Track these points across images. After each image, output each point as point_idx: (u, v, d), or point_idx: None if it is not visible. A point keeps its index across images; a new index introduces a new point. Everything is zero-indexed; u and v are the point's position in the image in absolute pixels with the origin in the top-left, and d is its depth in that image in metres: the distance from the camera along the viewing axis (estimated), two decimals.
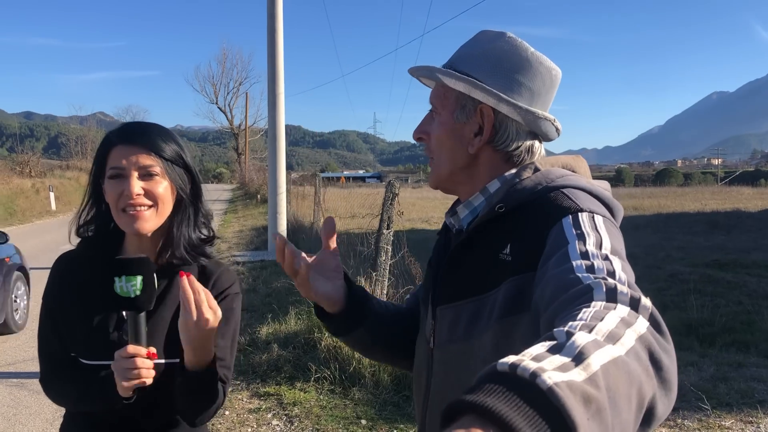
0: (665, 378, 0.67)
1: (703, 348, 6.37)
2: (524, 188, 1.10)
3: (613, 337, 0.65)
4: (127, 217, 1.42)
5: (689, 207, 26.57)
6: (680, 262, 11.18)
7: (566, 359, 0.58)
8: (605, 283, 0.79)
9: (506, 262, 1.05)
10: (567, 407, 0.51)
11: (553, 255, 0.94)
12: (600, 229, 0.97)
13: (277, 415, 4.50)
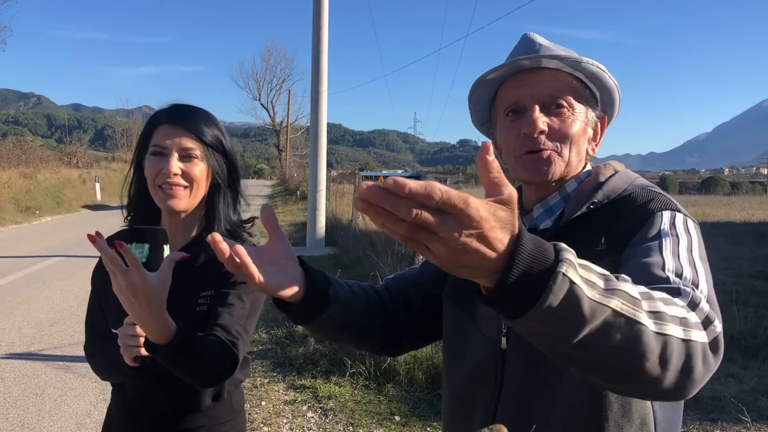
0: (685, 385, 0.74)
1: (745, 360, 6.23)
2: (615, 186, 1.15)
3: (658, 317, 0.72)
4: (162, 193, 1.49)
5: (735, 216, 25.92)
6: (724, 272, 10.92)
7: (599, 282, 0.68)
8: (693, 294, 0.84)
9: (601, 251, 1.07)
10: (552, 284, 0.64)
11: (645, 242, 0.98)
12: (692, 232, 1.02)
13: (312, 408, 4.57)
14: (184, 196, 1.49)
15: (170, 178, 1.47)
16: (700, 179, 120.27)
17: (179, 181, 1.48)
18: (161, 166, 1.47)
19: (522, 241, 0.64)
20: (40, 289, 8.59)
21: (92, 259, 1.67)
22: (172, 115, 1.52)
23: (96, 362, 1.59)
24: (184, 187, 1.49)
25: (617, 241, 1.05)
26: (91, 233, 1.18)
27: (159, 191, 1.49)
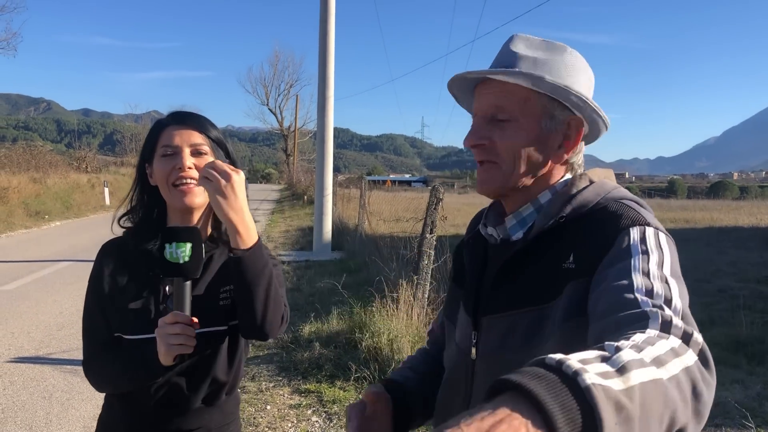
0: (700, 410, 0.71)
1: (751, 366, 6.22)
2: (585, 199, 1.11)
3: (660, 362, 0.69)
4: (177, 192, 1.52)
5: (744, 221, 25.81)
6: (731, 277, 10.90)
7: (610, 369, 0.63)
8: (662, 314, 0.82)
9: (569, 270, 1.05)
10: (599, 407, 0.56)
11: (615, 264, 0.96)
12: (663, 248, 0.98)
13: (317, 412, 4.60)
14: (199, 192, 1.52)
15: (184, 171, 1.50)
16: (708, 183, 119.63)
17: (193, 174, 1.52)
18: (173, 164, 1.51)
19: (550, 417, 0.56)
20: (49, 294, 8.66)
21: None
22: (177, 116, 1.58)
23: (107, 371, 1.54)
24: (197, 182, 1.52)
25: (586, 262, 1.02)
26: None
27: (174, 190, 1.52)
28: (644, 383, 0.63)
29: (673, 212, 31.62)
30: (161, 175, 1.53)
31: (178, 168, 1.51)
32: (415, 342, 5.16)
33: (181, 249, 1.40)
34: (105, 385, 1.58)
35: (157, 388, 1.55)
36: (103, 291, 1.57)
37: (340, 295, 6.58)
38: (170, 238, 1.41)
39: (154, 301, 1.55)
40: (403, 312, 5.49)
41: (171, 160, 1.52)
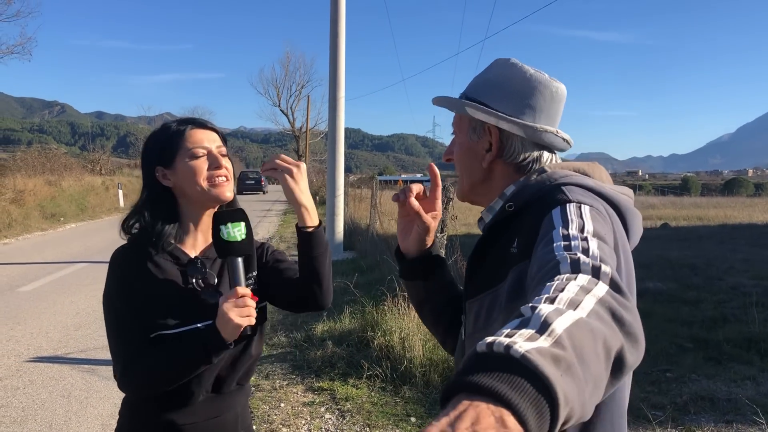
0: (629, 331, 0.77)
1: (764, 363, 6.21)
2: (530, 188, 1.23)
3: (574, 303, 0.75)
4: (215, 188, 1.63)
5: (758, 218, 25.62)
6: (744, 274, 10.85)
7: (532, 331, 0.68)
8: (571, 256, 0.89)
9: (513, 255, 1.15)
10: (540, 368, 0.61)
11: (542, 240, 1.04)
12: (584, 216, 1.06)
13: (330, 409, 4.66)
14: (230, 187, 1.67)
15: (222, 168, 1.64)
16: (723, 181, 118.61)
17: (227, 171, 1.65)
18: (209, 162, 1.63)
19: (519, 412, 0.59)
20: (66, 295, 8.79)
21: None
22: (194, 122, 1.68)
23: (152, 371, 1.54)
24: (227, 179, 1.66)
25: (525, 246, 1.12)
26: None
27: (211, 187, 1.63)
28: (568, 328, 0.69)
29: (686, 210, 31.43)
30: (196, 173, 1.61)
31: (215, 167, 1.63)
32: (426, 340, 5.21)
33: (237, 228, 1.55)
34: (151, 386, 1.57)
35: (209, 373, 1.62)
36: (133, 294, 1.58)
37: (353, 295, 6.64)
38: (225, 219, 1.55)
39: (189, 293, 1.62)
40: (415, 311, 5.54)
41: (203, 161, 1.62)
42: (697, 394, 4.95)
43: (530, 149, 1.28)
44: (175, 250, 1.67)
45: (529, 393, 0.60)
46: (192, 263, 1.66)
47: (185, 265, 1.66)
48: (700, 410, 4.70)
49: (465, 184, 1.37)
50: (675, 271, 10.94)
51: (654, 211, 29.66)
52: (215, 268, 1.69)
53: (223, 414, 1.68)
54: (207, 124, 1.68)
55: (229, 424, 1.70)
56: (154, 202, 1.68)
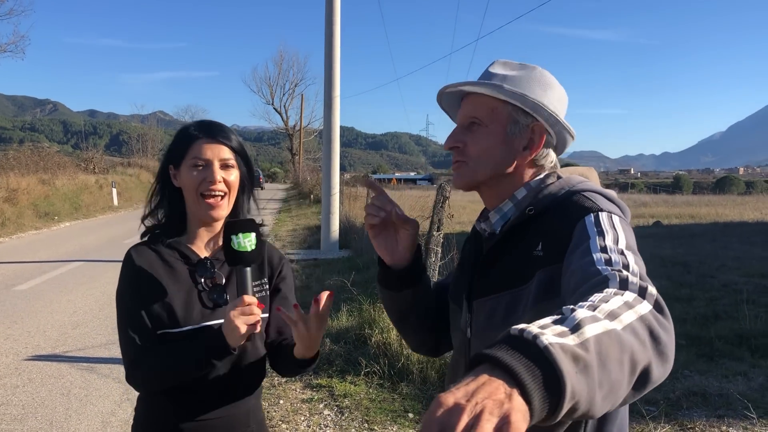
0: (662, 351, 0.84)
1: (755, 359, 6.30)
2: (550, 193, 1.27)
3: (613, 315, 0.82)
4: (205, 204, 1.66)
5: (749, 216, 25.80)
6: (735, 271, 10.96)
7: (565, 328, 0.76)
8: (619, 274, 0.96)
9: (539, 257, 1.20)
10: (557, 361, 0.69)
11: (578, 248, 1.10)
12: (617, 227, 1.13)
13: (329, 406, 4.72)
14: (223, 205, 1.68)
15: (214, 185, 1.64)
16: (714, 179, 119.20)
17: (222, 188, 1.66)
18: (204, 176, 1.64)
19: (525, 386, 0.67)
20: (62, 293, 8.81)
21: (111, 263, 1.79)
22: (207, 130, 1.69)
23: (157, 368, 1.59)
24: (222, 196, 1.66)
25: (552, 250, 1.17)
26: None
27: (202, 201, 1.66)
28: (598, 335, 0.76)
29: (678, 207, 31.60)
30: (191, 184, 1.65)
31: (209, 181, 1.64)
32: None
33: (247, 239, 1.59)
34: (154, 383, 1.63)
35: (216, 376, 1.67)
36: (142, 292, 1.64)
37: (350, 293, 6.70)
38: (236, 229, 1.58)
39: (196, 294, 1.68)
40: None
41: (201, 172, 1.65)
42: (690, 389, 5.03)
43: (551, 150, 1.34)
44: (186, 250, 1.73)
45: (539, 379, 0.68)
46: (201, 263, 1.71)
47: (194, 264, 1.71)
48: (692, 405, 4.78)
49: (483, 174, 1.32)
50: (668, 269, 11.04)
51: (646, 209, 29.85)
52: (225, 269, 1.74)
53: (235, 410, 1.73)
54: (217, 136, 1.68)
55: (240, 419, 1.75)
56: (163, 197, 1.75)
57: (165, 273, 1.68)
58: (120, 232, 17.84)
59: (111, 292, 1.79)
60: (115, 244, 14.92)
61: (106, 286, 9.14)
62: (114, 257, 12.41)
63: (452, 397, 0.64)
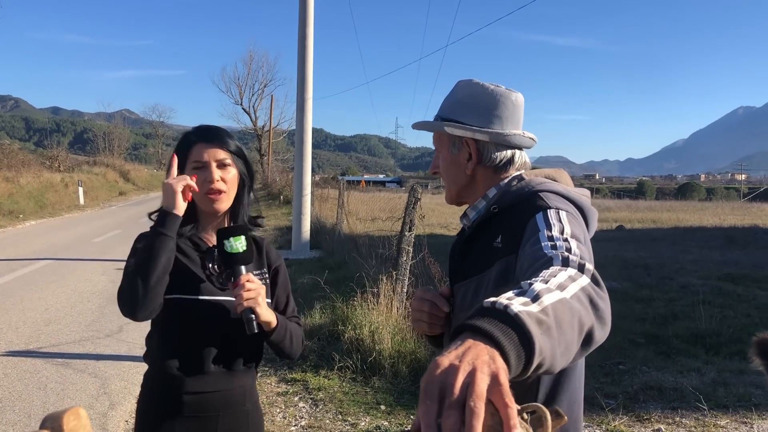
0: (601, 315, 1.02)
1: (708, 356, 6.61)
2: (512, 193, 1.49)
3: (562, 286, 1.00)
4: (208, 199, 1.85)
5: (708, 222, 26.59)
6: (693, 274, 11.38)
7: (527, 299, 0.93)
8: (562, 254, 1.15)
9: (498, 248, 1.42)
10: (527, 325, 0.86)
11: (529, 240, 1.29)
12: (563, 220, 1.32)
13: (304, 399, 4.88)
14: (224, 198, 1.87)
15: (213, 183, 1.83)
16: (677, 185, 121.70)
17: (220, 186, 1.84)
18: (204, 176, 1.84)
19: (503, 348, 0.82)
20: (33, 291, 8.79)
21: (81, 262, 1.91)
22: (204, 135, 1.88)
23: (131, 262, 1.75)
24: (222, 192, 1.85)
25: (509, 242, 1.38)
26: None
27: (205, 197, 1.85)
28: (553, 302, 0.94)
29: (641, 213, 32.37)
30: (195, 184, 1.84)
31: (208, 180, 1.83)
32: (395, 333, 5.47)
33: (238, 241, 1.78)
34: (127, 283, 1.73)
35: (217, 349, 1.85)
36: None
37: (322, 291, 6.85)
38: (227, 234, 1.77)
39: (206, 276, 1.87)
40: (384, 305, 5.79)
41: (201, 173, 1.84)
42: (647, 384, 5.30)
43: (503, 151, 1.53)
44: (195, 238, 1.92)
45: (515, 341, 0.85)
46: (210, 251, 1.90)
47: (204, 251, 1.91)
48: (648, 398, 5.04)
49: (453, 191, 1.59)
50: (629, 271, 11.42)
51: (610, 214, 30.52)
52: None
53: (232, 388, 1.90)
54: (212, 140, 1.87)
55: (237, 398, 1.92)
56: None
57: (179, 253, 1.86)
58: (88, 230, 17.70)
59: (82, 289, 1.97)
60: (83, 242, 14.83)
61: (77, 284, 9.15)
62: (83, 256, 12.37)
63: (446, 360, 0.77)
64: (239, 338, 1.87)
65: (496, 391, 0.72)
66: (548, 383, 1.39)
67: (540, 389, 1.39)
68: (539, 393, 1.38)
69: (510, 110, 1.53)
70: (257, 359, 1.99)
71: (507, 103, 1.53)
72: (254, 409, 1.99)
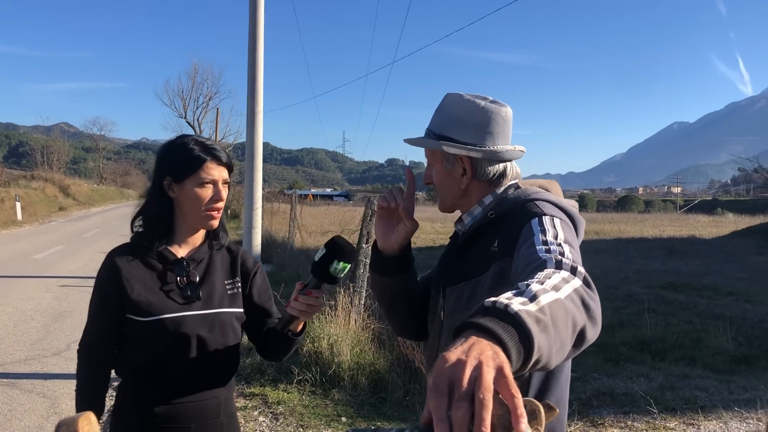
0: (592, 315, 1.08)
1: (655, 362, 6.86)
2: (509, 200, 1.54)
3: (557, 287, 1.06)
4: (208, 216, 1.87)
5: (648, 233, 27.50)
6: (637, 283, 11.76)
7: (525, 299, 0.98)
8: (555, 257, 1.21)
9: (494, 252, 1.47)
10: (526, 323, 0.91)
11: (524, 243, 1.35)
12: (557, 226, 1.38)
13: (263, 413, 4.84)
14: (218, 216, 1.91)
15: (221, 202, 1.88)
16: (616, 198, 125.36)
17: (223, 205, 1.90)
18: (211, 194, 1.86)
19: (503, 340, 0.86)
20: None
21: (22, 279, 1.91)
22: (215, 154, 1.88)
23: (78, 381, 1.87)
24: (219, 211, 1.90)
25: (505, 246, 1.43)
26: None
27: (205, 213, 1.86)
28: (549, 302, 0.99)
29: None
30: (197, 199, 1.85)
31: (215, 199, 1.86)
32: (354, 345, 5.48)
33: (344, 270, 1.72)
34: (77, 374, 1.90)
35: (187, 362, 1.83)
36: (113, 288, 1.84)
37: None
38: (341, 256, 1.71)
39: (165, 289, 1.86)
40: (342, 318, 5.80)
41: (209, 190, 1.85)
42: (599, 390, 5.46)
43: (495, 165, 1.58)
44: (165, 251, 1.90)
45: (515, 338, 0.90)
46: (178, 263, 1.89)
47: (171, 263, 1.89)
48: (601, 404, 5.19)
49: (447, 201, 1.63)
50: None
51: None
52: (200, 269, 1.92)
53: (206, 400, 1.89)
54: (223, 159, 1.88)
55: (211, 409, 1.91)
56: (155, 207, 1.90)
57: (139, 271, 1.86)
58: (28, 247, 17.12)
59: (25, 308, 1.98)
60: (24, 259, 14.34)
61: (19, 302, 8.80)
62: (24, 273, 11.95)
63: (454, 355, 0.81)
64: (211, 349, 1.87)
65: (502, 383, 0.76)
66: (537, 384, 1.45)
67: (530, 389, 1.44)
68: (529, 393, 1.43)
69: (500, 125, 1.58)
70: (233, 370, 1.98)
71: (498, 119, 1.58)
72: (230, 420, 1.98)
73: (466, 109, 1.58)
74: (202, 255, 1.94)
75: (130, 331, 1.83)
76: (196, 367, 1.86)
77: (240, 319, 1.96)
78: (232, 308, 1.93)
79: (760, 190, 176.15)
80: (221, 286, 1.93)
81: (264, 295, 2.05)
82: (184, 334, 1.82)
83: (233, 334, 1.94)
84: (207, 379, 1.89)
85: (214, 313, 1.87)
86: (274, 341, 1.95)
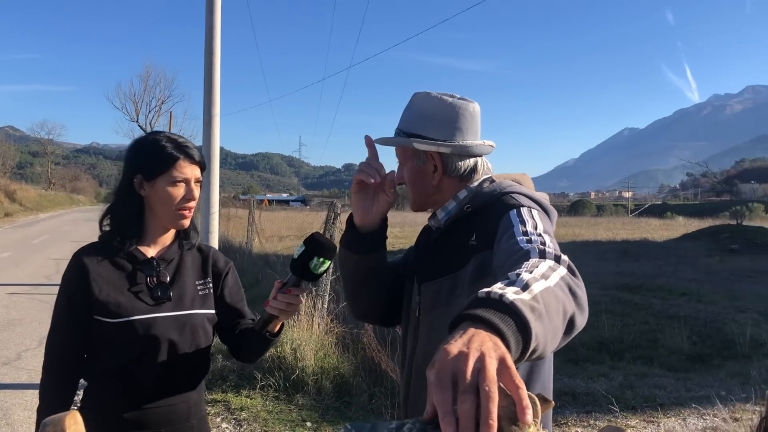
0: (579, 302, 1.08)
1: (613, 361, 7.00)
2: (484, 193, 1.55)
3: (545, 276, 1.05)
4: (179, 215, 1.81)
5: (602, 236, 28.07)
6: (593, 285, 11.95)
7: (518, 288, 0.97)
8: (538, 247, 1.21)
9: (473, 246, 1.46)
10: (523, 312, 0.90)
11: (504, 235, 1.35)
12: (535, 217, 1.40)
13: (226, 419, 4.74)
14: (190, 216, 1.85)
15: (193, 201, 1.81)
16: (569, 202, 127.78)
17: (194, 205, 1.83)
18: (183, 193, 1.79)
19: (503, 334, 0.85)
20: None
21: None
22: (188, 153, 1.82)
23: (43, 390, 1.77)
24: (191, 210, 1.83)
25: (484, 239, 1.44)
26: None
27: (176, 213, 1.80)
28: (541, 291, 0.99)
29: None
30: (169, 198, 1.78)
31: (188, 198, 1.80)
32: (317, 349, 5.42)
33: (325, 265, 1.66)
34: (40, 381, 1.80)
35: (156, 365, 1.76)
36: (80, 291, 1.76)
37: None
38: (321, 252, 1.63)
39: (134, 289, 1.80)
40: (305, 322, 5.73)
41: (181, 189, 1.79)
42: (561, 390, 5.52)
43: (466, 160, 1.58)
44: (134, 251, 1.83)
45: (513, 327, 0.89)
46: (148, 263, 1.83)
47: (141, 263, 1.82)
48: (564, 404, 5.25)
49: (419, 200, 1.62)
50: None
51: None
52: (170, 269, 1.86)
53: (175, 404, 1.83)
54: (196, 158, 1.83)
55: (181, 414, 1.85)
56: (124, 204, 1.83)
57: (108, 272, 1.79)
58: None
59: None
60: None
61: None
62: None
63: (455, 347, 0.79)
64: (182, 352, 1.81)
65: (505, 374, 0.75)
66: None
67: None
68: None
69: (469, 121, 1.57)
70: (203, 372, 1.93)
71: (466, 115, 1.57)
72: (200, 424, 1.92)
73: (434, 105, 1.58)
74: (173, 255, 1.88)
75: (97, 334, 1.76)
76: (166, 370, 1.79)
77: (212, 320, 1.90)
78: (203, 309, 1.87)
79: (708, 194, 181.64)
80: (192, 286, 1.88)
81: (236, 295, 1.99)
82: (154, 336, 1.76)
83: (204, 336, 1.89)
84: (177, 382, 1.83)
85: (185, 314, 1.81)
86: (250, 342, 1.90)
